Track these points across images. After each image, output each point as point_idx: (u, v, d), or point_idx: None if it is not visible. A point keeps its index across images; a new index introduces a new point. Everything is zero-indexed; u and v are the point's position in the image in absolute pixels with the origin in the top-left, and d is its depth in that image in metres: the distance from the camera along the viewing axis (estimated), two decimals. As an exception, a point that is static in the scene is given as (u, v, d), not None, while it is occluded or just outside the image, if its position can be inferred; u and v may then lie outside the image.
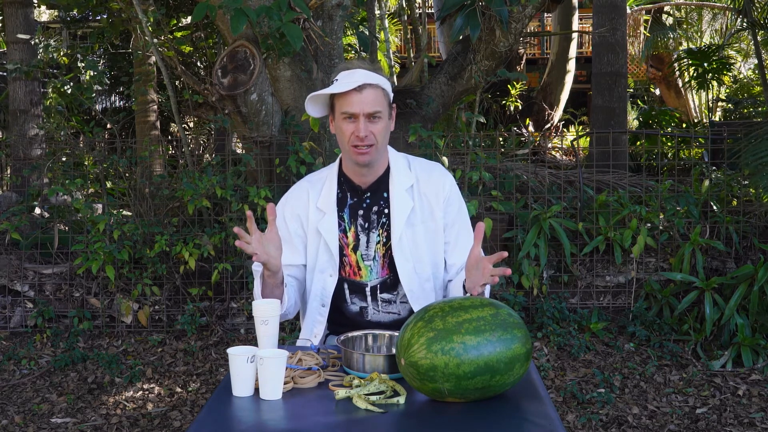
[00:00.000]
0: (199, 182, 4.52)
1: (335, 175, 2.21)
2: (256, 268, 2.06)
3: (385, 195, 2.18)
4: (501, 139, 5.93)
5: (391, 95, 2.15)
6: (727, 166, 5.36)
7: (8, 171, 6.79)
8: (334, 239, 2.17)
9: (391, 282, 2.18)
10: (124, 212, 5.16)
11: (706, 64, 9.32)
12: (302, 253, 2.22)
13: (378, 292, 2.18)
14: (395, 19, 11.61)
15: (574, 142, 6.90)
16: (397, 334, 1.86)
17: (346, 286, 2.20)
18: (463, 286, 2.00)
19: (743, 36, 12.20)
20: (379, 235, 2.17)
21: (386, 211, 2.17)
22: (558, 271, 4.73)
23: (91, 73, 6.40)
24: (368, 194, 2.18)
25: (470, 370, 1.58)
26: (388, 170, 2.20)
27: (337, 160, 2.24)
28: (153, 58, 6.52)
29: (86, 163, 5.59)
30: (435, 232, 2.19)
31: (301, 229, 2.21)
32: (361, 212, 2.18)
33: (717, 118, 11.30)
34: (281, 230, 2.08)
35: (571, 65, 10.77)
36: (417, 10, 9.58)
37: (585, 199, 4.90)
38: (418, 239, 2.17)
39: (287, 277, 2.13)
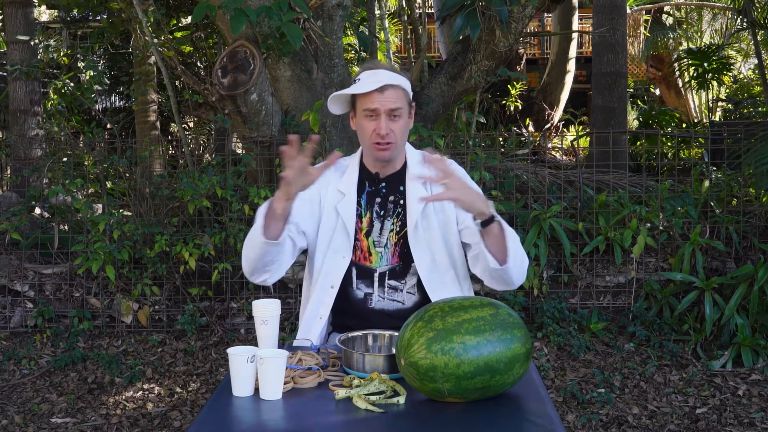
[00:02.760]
0: (199, 182, 4.52)
1: (357, 163, 2.29)
2: (261, 209, 2.06)
3: (401, 187, 2.25)
4: (501, 139, 5.92)
5: (411, 94, 2.22)
6: (727, 166, 5.35)
7: (8, 171, 6.79)
8: (352, 221, 2.22)
9: (401, 270, 2.22)
10: (124, 212, 5.15)
11: (706, 64, 9.32)
12: (309, 226, 2.22)
13: (386, 278, 2.22)
14: (395, 19, 11.59)
15: (574, 142, 6.89)
16: (397, 334, 1.87)
17: (354, 270, 2.23)
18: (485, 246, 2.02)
19: (743, 36, 12.19)
20: (393, 223, 2.23)
21: (402, 201, 2.24)
22: (558, 271, 4.72)
23: (91, 73, 6.40)
24: (384, 183, 2.25)
25: (470, 370, 1.58)
26: (405, 165, 2.28)
27: (359, 151, 2.31)
28: (153, 58, 6.51)
29: (86, 163, 5.58)
30: (447, 224, 2.23)
31: (318, 207, 2.24)
32: (378, 200, 2.25)
33: (717, 118, 11.30)
34: (299, 202, 2.08)
35: (571, 65, 10.77)
36: (417, 10, 9.57)
37: (585, 199, 4.89)
38: (432, 229, 2.22)
39: (289, 231, 2.11)
